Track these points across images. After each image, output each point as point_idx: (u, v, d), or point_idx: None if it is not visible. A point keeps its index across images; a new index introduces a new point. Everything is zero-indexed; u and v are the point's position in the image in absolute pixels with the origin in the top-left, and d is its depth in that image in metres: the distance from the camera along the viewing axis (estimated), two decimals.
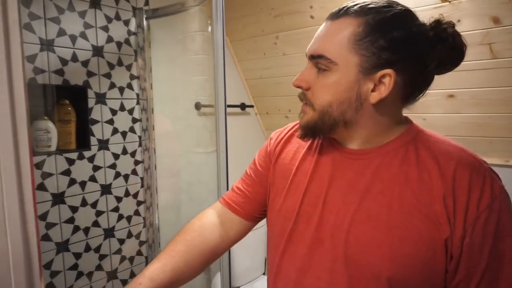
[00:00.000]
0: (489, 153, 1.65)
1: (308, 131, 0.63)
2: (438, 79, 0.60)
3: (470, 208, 0.53)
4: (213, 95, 1.33)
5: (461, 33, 0.58)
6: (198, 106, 1.91)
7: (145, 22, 1.62)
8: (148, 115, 1.68)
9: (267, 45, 2.04)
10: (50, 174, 1.38)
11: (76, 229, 1.48)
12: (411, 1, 1.47)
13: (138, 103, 1.67)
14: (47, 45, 1.34)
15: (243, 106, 2.26)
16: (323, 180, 0.64)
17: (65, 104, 1.43)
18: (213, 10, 1.27)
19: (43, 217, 1.37)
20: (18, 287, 0.47)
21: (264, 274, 2.18)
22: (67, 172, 1.43)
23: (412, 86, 0.59)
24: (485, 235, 0.53)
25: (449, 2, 1.39)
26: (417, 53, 0.56)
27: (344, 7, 0.58)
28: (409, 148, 0.59)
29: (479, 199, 0.53)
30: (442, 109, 1.65)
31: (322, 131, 0.62)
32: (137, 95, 1.67)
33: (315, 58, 0.59)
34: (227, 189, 1.37)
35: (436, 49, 0.57)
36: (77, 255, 1.49)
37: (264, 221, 0.80)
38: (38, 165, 1.34)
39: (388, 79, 0.56)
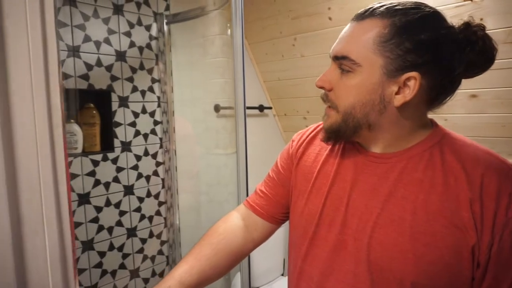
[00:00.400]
0: None
1: (332, 134, 0.62)
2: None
3: (499, 215, 0.52)
4: (232, 97, 1.35)
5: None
6: (217, 108, 1.94)
7: (165, 27, 1.66)
8: (168, 118, 1.71)
9: (285, 47, 2.04)
10: (76, 175, 1.44)
11: (101, 228, 1.53)
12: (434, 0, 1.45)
13: (159, 105, 1.71)
14: (73, 51, 1.39)
15: (261, 108, 2.27)
16: (345, 183, 0.64)
17: (90, 107, 1.48)
18: (233, 13, 1.29)
19: None
20: (54, 284, 0.50)
21: (282, 275, 2.18)
22: (92, 173, 1.48)
23: (438, 90, 0.57)
24: None
25: (471, 0, 1.37)
26: (444, 56, 0.55)
27: (370, 8, 0.57)
28: (434, 152, 0.58)
29: (508, 205, 0.52)
30: (464, 109, 1.62)
31: (345, 134, 0.61)
32: (158, 98, 1.71)
33: (339, 59, 0.59)
34: (247, 191, 1.38)
35: (465, 52, 0.56)
36: (102, 254, 1.54)
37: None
38: None
39: (413, 82, 0.55)
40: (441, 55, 0.54)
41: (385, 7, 0.56)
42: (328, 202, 0.65)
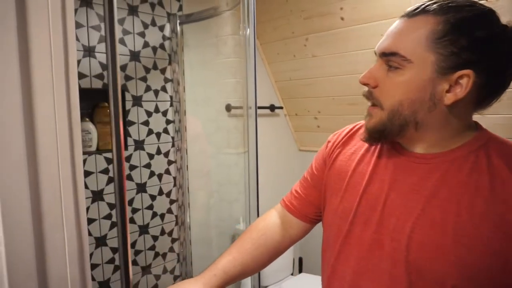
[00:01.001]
0: None
1: (376, 133, 0.61)
2: None
3: None
4: (244, 97, 1.36)
5: None
6: (228, 107, 1.95)
7: (178, 27, 1.68)
8: (180, 117, 1.74)
9: (296, 47, 2.05)
10: (91, 173, 1.47)
11: (114, 225, 1.56)
12: None
13: (171, 105, 1.73)
14: (89, 51, 1.42)
15: (272, 108, 2.28)
16: (383, 183, 0.63)
17: (104, 106, 1.51)
18: (245, 14, 1.30)
19: None
20: (72, 275, 0.52)
21: (292, 274, 2.19)
22: (105, 171, 1.51)
23: (488, 89, 0.56)
24: None
25: (486, 0, 1.35)
26: (498, 55, 0.54)
27: (422, 5, 0.56)
28: (480, 154, 0.56)
29: None
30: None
31: (391, 133, 0.60)
32: (171, 97, 1.73)
33: (387, 55, 0.58)
34: (257, 190, 1.40)
35: None
36: (114, 250, 1.57)
37: None
38: None
39: (466, 80, 0.53)
40: (495, 54, 0.53)
41: (438, 4, 0.55)
42: (363, 201, 0.64)
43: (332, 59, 1.92)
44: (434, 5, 0.55)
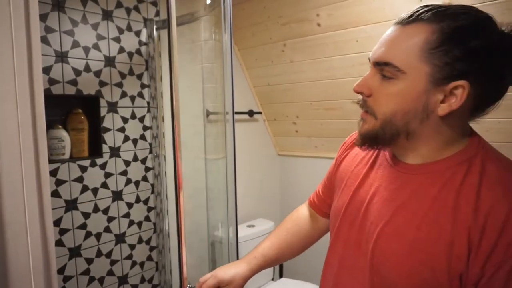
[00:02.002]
0: None
1: (368, 140, 0.61)
2: None
3: (497, 251, 0.49)
4: (222, 103, 1.36)
5: None
6: (207, 113, 1.94)
7: (155, 33, 1.67)
8: (158, 123, 1.71)
9: (275, 53, 2.07)
10: (64, 181, 1.42)
11: (88, 234, 1.51)
12: (419, 6, 1.49)
13: (148, 111, 1.71)
14: (61, 56, 1.39)
15: (251, 113, 2.29)
16: (370, 187, 0.64)
17: (78, 113, 1.47)
18: (222, 19, 1.31)
19: (56, 223, 1.40)
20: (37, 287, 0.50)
21: (273, 279, 2.18)
22: (80, 179, 1.47)
23: (484, 99, 0.55)
24: (508, 285, 0.48)
25: None
26: (495, 65, 0.52)
27: (416, 12, 0.54)
28: (459, 170, 0.55)
29: (510, 242, 0.48)
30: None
31: (382, 141, 0.60)
32: (148, 103, 1.71)
33: (380, 65, 0.56)
34: (235, 195, 1.39)
35: None
36: (89, 260, 1.52)
37: (269, 229, 0.88)
38: (52, 173, 1.38)
39: (460, 91, 0.52)
40: (492, 64, 0.52)
41: (433, 11, 0.53)
42: (352, 201, 0.67)
43: (310, 64, 1.95)
44: (429, 13, 0.53)
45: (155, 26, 1.66)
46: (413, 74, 0.53)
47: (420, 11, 0.54)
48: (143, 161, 1.70)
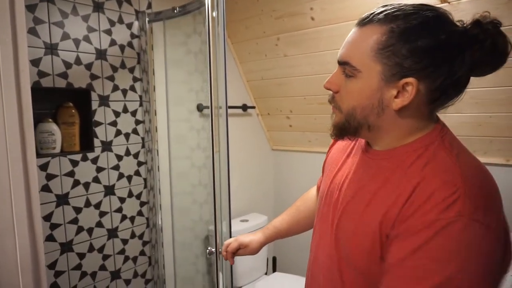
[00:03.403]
0: (489, 153, 1.66)
1: (337, 131, 0.67)
2: None
3: (415, 216, 0.53)
4: (215, 97, 1.34)
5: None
6: (199, 107, 1.93)
7: (147, 25, 1.64)
8: (151, 117, 1.70)
9: (268, 47, 2.05)
10: (55, 176, 1.41)
11: (80, 229, 1.50)
12: (413, 2, 1.48)
13: (141, 105, 1.69)
14: (51, 48, 1.36)
15: (244, 107, 2.27)
16: (345, 171, 0.71)
17: (69, 106, 1.45)
18: (215, 12, 1.29)
19: (47, 218, 1.39)
20: (25, 284, 0.49)
21: (266, 274, 2.19)
22: (71, 174, 1.45)
23: (438, 93, 0.57)
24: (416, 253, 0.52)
25: (448, 2, 1.40)
26: (444, 61, 0.54)
27: (372, 13, 0.58)
28: (413, 154, 0.59)
29: (428, 211, 0.52)
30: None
31: (349, 132, 0.65)
32: (140, 97, 1.69)
33: (342, 64, 0.62)
34: (228, 189, 1.38)
35: (472, 51, 0.54)
36: (81, 255, 1.51)
37: (263, 223, 0.90)
38: (43, 167, 1.36)
39: (410, 88, 0.56)
40: (440, 60, 0.54)
41: (384, 13, 0.57)
42: (331, 185, 0.74)
43: (303, 58, 1.94)
44: (381, 15, 0.57)
45: (147, 19, 1.64)
46: (367, 72, 0.58)
47: (375, 12, 0.58)
48: (136, 155, 1.69)
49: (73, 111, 1.46)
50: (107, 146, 1.57)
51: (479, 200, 0.52)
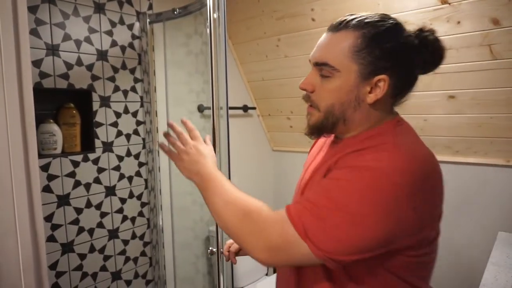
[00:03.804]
0: (490, 154, 1.66)
1: (315, 130, 0.73)
2: (438, 81, 0.62)
3: (347, 157, 0.65)
4: (215, 97, 1.34)
5: (460, 35, 0.64)
6: (200, 108, 1.93)
7: (148, 26, 1.65)
8: (152, 118, 1.70)
9: (269, 48, 2.05)
10: (56, 176, 1.41)
11: (81, 230, 1.50)
12: (413, 3, 1.49)
13: (142, 105, 1.70)
14: (52, 49, 1.37)
15: (245, 108, 2.28)
16: (316, 161, 0.78)
17: (70, 107, 1.45)
18: (216, 13, 1.29)
19: (48, 218, 1.39)
20: (27, 284, 0.49)
21: (267, 274, 2.19)
22: (72, 174, 1.46)
23: (401, 86, 0.68)
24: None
25: (449, 4, 1.41)
26: (406, 59, 0.66)
27: (344, 20, 0.67)
28: (367, 139, 0.68)
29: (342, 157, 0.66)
30: (443, 110, 1.66)
31: (326, 129, 0.72)
32: (141, 98, 1.69)
33: (319, 65, 0.68)
34: None
35: (421, 53, 0.67)
36: (82, 256, 1.51)
37: None
38: (44, 168, 1.37)
39: (382, 83, 0.65)
40: (403, 59, 0.66)
41: (356, 20, 0.66)
42: (305, 175, 0.80)
43: (304, 59, 1.94)
44: (354, 21, 0.66)
45: (148, 20, 1.64)
46: (345, 72, 0.66)
47: (347, 20, 0.67)
48: (136, 156, 1.69)
49: (74, 112, 1.46)
50: (108, 146, 1.57)
51: (399, 169, 0.59)
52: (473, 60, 1.47)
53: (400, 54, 0.65)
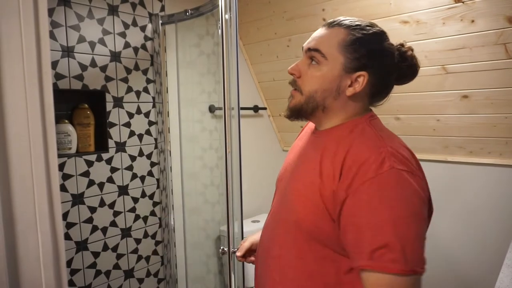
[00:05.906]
0: (505, 154, 1.63)
1: (294, 112, 0.78)
2: (451, 80, 0.61)
3: (355, 181, 0.66)
4: (227, 98, 1.35)
5: (474, 34, 0.63)
6: (212, 109, 1.94)
7: (160, 28, 1.67)
8: (163, 118, 1.72)
9: (280, 48, 2.06)
10: (70, 176, 1.44)
11: (95, 228, 1.53)
12: (426, 2, 1.47)
13: (154, 106, 1.72)
14: (67, 51, 1.39)
15: (256, 109, 2.28)
16: (297, 151, 0.85)
17: (84, 108, 1.48)
18: (227, 14, 1.30)
19: (63, 217, 1.42)
20: (47, 281, 0.50)
21: None
22: (86, 174, 1.48)
23: (378, 87, 0.76)
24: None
25: (463, 2, 1.39)
26: (385, 63, 0.74)
27: (338, 19, 0.76)
28: (347, 131, 0.74)
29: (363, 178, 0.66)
30: (456, 110, 1.64)
31: (305, 114, 0.77)
32: (153, 98, 1.71)
33: (311, 51, 0.75)
34: (240, 190, 1.39)
35: (399, 63, 0.76)
36: (96, 254, 1.54)
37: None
38: (59, 167, 1.39)
39: (362, 79, 0.72)
40: (383, 62, 0.74)
41: (349, 21, 0.75)
42: (287, 166, 0.86)
43: None
44: (347, 21, 0.75)
45: (160, 21, 1.66)
46: (332, 61, 0.73)
47: (341, 20, 0.75)
48: (149, 156, 1.71)
49: (88, 112, 1.49)
50: (121, 146, 1.60)
51: (400, 158, 0.66)
52: (487, 59, 1.45)
53: (381, 57, 0.74)
